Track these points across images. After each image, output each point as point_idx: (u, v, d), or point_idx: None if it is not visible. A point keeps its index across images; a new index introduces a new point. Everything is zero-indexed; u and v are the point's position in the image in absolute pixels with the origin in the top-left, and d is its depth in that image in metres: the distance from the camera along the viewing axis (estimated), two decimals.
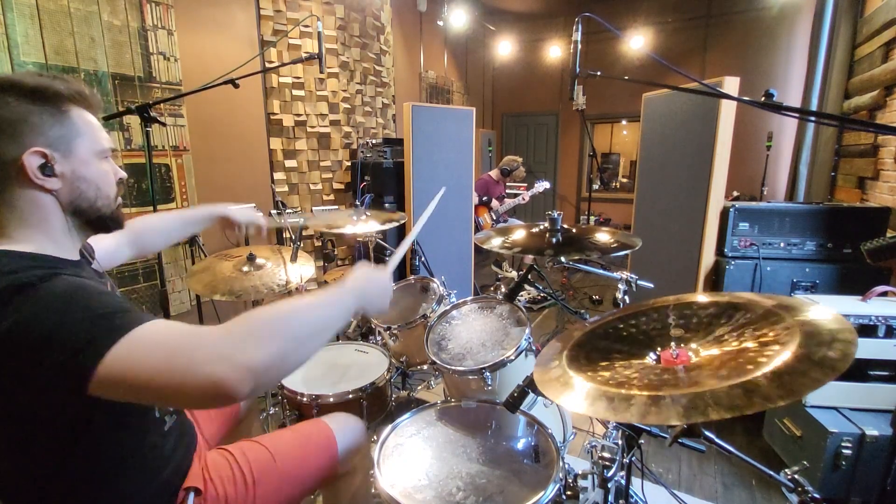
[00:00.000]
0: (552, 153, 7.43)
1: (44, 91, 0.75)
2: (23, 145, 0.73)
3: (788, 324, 0.85)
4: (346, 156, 4.00)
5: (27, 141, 0.73)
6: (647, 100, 3.11)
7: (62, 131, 0.77)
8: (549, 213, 1.61)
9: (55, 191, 0.78)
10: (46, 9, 2.27)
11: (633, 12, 6.05)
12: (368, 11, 4.05)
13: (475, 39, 6.94)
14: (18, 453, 0.75)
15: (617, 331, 1.11)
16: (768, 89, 0.93)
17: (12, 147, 0.72)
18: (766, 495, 1.92)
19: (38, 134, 0.74)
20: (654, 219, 3.05)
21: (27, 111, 0.73)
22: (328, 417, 1.31)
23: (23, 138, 0.73)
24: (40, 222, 0.78)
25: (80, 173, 0.80)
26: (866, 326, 1.84)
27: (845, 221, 2.34)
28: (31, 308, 0.66)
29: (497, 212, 4.57)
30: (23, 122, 0.73)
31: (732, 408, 0.68)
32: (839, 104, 3.48)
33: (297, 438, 1.21)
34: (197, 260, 2.83)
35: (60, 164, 0.77)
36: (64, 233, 0.81)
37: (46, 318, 0.65)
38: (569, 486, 1.07)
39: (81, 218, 0.83)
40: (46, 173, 0.76)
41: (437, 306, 1.86)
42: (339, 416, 1.34)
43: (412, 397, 2.16)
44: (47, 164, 0.75)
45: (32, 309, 0.66)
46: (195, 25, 3.05)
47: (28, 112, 0.73)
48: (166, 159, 2.91)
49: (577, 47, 1.25)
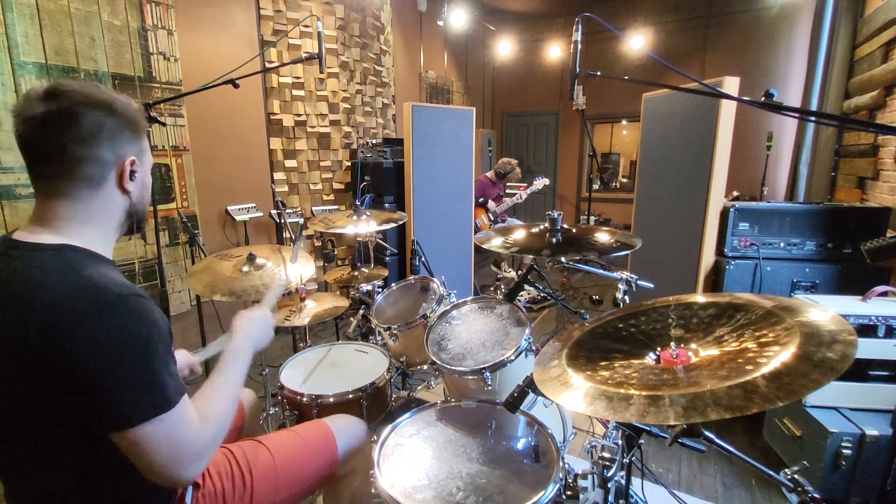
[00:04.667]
0: (552, 153, 7.43)
1: (131, 112, 0.88)
2: (121, 153, 0.86)
3: (788, 325, 0.86)
4: (346, 156, 4.00)
5: (124, 150, 0.87)
6: (646, 100, 3.11)
7: (140, 145, 0.91)
8: (549, 213, 1.60)
9: (131, 192, 0.90)
10: (46, 9, 2.27)
11: (633, 12, 6.05)
12: (368, 11, 4.05)
13: (475, 39, 6.94)
14: (31, 447, 0.79)
15: (617, 331, 1.11)
16: (768, 89, 0.93)
17: (112, 153, 0.85)
18: (766, 495, 1.92)
19: (130, 146, 0.88)
20: (654, 219, 3.05)
21: (123, 125, 0.86)
22: (329, 419, 1.32)
23: (120, 148, 0.86)
24: (104, 220, 0.88)
25: (145, 181, 0.94)
26: (866, 326, 1.84)
27: (845, 221, 2.33)
28: (105, 331, 0.74)
29: (494, 213, 4.57)
30: (120, 134, 0.86)
31: (732, 408, 0.68)
32: (839, 104, 3.48)
33: (297, 439, 1.21)
34: (197, 260, 2.83)
35: (139, 172, 0.91)
36: (113, 232, 0.91)
37: (110, 354, 0.74)
38: (569, 486, 1.07)
39: (131, 219, 0.94)
40: (132, 178, 0.89)
41: (437, 306, 1.85)
42: (340, 418, 1.34)
43: (412, 397, 2.16)
44: (133, 171, 0.89)
45: (104, 334, 0.74)
46: (195, 25, 3.05)
47: (123, 127, 0.86)
48: (166, 159, 2.91)
49: (577, 47, 1.24)
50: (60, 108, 0.79)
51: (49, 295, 0.73)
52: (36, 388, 0.74)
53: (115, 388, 0.74)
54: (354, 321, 2.63)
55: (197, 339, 2.93)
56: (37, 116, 0.78)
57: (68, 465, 0.80)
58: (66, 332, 0.71)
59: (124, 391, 0.74)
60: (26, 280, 0.75)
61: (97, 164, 0.83)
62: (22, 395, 0.76)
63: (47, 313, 0.72)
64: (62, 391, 0.73)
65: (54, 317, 0.72)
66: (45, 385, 0.73)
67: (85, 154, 0.81)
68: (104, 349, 0.73)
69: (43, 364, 0.72)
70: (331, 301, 2.06)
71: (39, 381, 0.73)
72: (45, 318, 0.72)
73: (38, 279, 0.75)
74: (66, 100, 0.80)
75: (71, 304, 0.73)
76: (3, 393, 0.77)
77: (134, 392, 0.75)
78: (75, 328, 0.72)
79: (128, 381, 0.74)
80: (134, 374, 0.75)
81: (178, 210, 2.99)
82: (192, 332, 2.96)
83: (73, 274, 0.76)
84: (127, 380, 0.74)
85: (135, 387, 0.75)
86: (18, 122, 0.80)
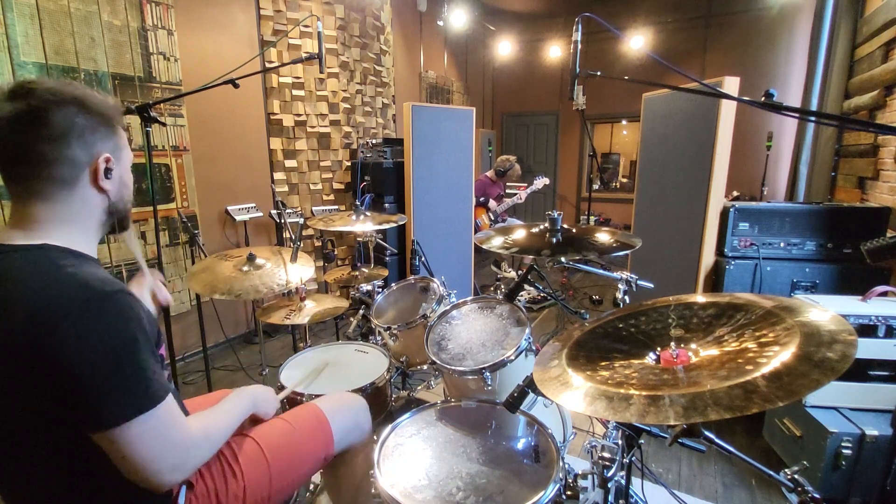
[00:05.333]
0: (552, 153, 7.43)
1: (104, 107, 0.86)
2: (93, 151, 0.84)
3: (788, 325, 0.86)
4: (346, 156, 3.99)
5: (96, 148, 0.85)
6: (646, 100, 3.11)
7: (116, 142, 0.89)
8: (549, 213, 1.60)
9: (108, 191, 0.88)
10: (46, 9, 2.27)
11: (633, 12, 6.05)
12: (368, 11, 4.05)
13: (475, 39, 6.94)
14: (21, 447, 0.78)
15: (617, 330, 1.11)
16: (768, 89, 0.93)
17: (84, 152, 0.83)
18: (766, 495, 1.92)
19: (103, 143, 0.86)
20: (654, 219, 3.05)
21: (95, 122, 0.84)
22: (321, 400, 1.31)
23: (93, 146, 0.84)
24: (83, 220, 0.87)
25: (124, 179, 0.92)
26: (866, 326, 1.84)
27: (845, 221, 2.33)
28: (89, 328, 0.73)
29: (495, 212, 4.57)
30: (92, 132, 0.84)
31: (732, 408, 0.68)
32: (839, 104, 3.48)
33: (285, 425, 1.20)
34: (197, 260, 2.83)
35: (115, 170, 0.89)
36: (95, 231, 0.90)
37: (94, 350, 0.72)
38: (569, 486, 1.07)
39: (112, 217, 0.92)
40: (108, 176, 0.87)
41: (437, 306, 1.85)
42: (332, 397, 1.34)
43: (412, 397, 2.16)
44: (109, 169, 0.87)
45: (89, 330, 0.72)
46: (195, 25, 3.05)
47: (96, 124, 0.84)
48: (166, 159, 2.91)
49: (577, 47, 1.25)
50: (29, 106, 0.77)
51: (33, 292, 0.72)
52: (23, 387, 0.73)
53: (99, 385, 0.72)
54: (354, 321, 2.63)
55: (197, 339, 2.93)
56: (4, 117, 0.76)
57: (61, 465, 0.80)
58: (51, 328, 0.70)
59: (108, 389, 0.73)
60: (6, 280, 0.74)
61: (68, 165, 0.81)
62: (10, 394, 0.75)
63: (32, 310, 0.71)
64: (48, 389, 0.72)
65: (39, 314, 0.71)
66: (33, 384, 0.73)
67: (55, 154, 0.79)
68: (88, 345, 0.72)
69: (29, 362, 0.71)
70: (331, 301, 2.07)
71: (27, 379, 0.73)
72: (30, 315, 0.71)
73: (20, 278, 0.74)
74: (34, 98, 0.77)
75: (56, 300, 0.72)
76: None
77: (117, 390, 0.74)
78: (60, 324, 0.71)
79: (111, 378, 0.73)
80: (118, 371, 0.74)
81: (178, 210, 2.99)
82: (193, 332, 2.96)
83: (57, 270, 0.76)
84: (110, 377, 0.73)
85: (118, 384, 0.74)
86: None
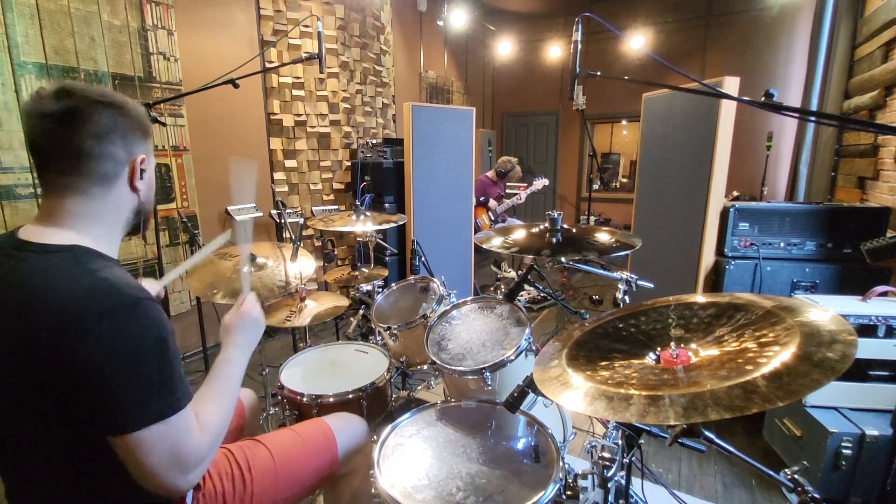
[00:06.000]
0: (552, 153, 7.43)
1: (140, 113, 0.91)
2: (133, 151, 0.88)
3: (788, 325, 0.86)
4: (346, 156, 3.99)
5: (135, 149, 0.89)
6: (646, 100, 3.11)
7: (147, 146, 0.93)
8: (549, 213, 1.60)
9: (140, 191, 0.91)
10: (46, 9, 2.27)
11: (633, 12, 6.04)
12: (368, 11, 4.05)
13: (475, 39, 6.94)
14: (34, 448, 0.79)
15: (617, 330, 1.11)
16: (768, 89, 0.93)
17: (125, 151, 0.87)
18: (766, 495, 1.92)
19: (139, 145, 0.90)
20: (654, 219, 3.05)
21: (134, 125, 0.88)
22: (330, 417, 1.32)
23: (132, 146, 0.88)
24: (113, 218, 0.89)
25: (151, 182, 0.96)
26: (866, 326, 1.84)
27: (845, 221, 2.33)
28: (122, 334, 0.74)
29: (495, 212, 4.57)
30: (132, 133, 0.88)
31: (732, 408, 0.68)
32: (839, 104, 3.48)
33: (297, 438, 1.21)
34: None
35: (147, 171, 0.93)
36: (120, 230, 0.92)
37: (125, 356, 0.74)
38: (569, 486, 1.07)
39: (138, 218, 0.95)
40: (141, 177, 0.91)
41: (437, 306, 1.85)
42: (341, 417, 1.34)
43: (412, 397, 2.16)
44: (143, 170, 0.91)
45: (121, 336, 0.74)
46: (195, 25, 3.05)
47: (134, 127, 0.89)
48: (166, 159, 2.91)
49: (577, 47, 1.25)
50: (76, 105, 0.80)
51: (63, 298, 0.73)
52: (42, 390, 0.74)
53: (125, 389, 0.73)
54: (354, 321, 2.63)
55: (197, 339, 2.93)
56: (53, 113, 0.79)
57: (69, 466, 0.80)
58: (82, 332, 0.71)
59: (133, 393, 0.74)
60: (35, 283, 0.74)
61: (111, 161, 0.85)
62: (25, 396, 0.75)
63: (62, 313, 0.71)
64: (69, 393, 0.73)
65: (70, 317, 0.71)
66: (52, 387, 0.73)
67: (100, 150, 0.83)
68: (119, 350, 0.73)
69: (53, 366, 0.71)
70: (331, 301, 2.06)
71: (47, 382, 0.73)
72: (59, 317, 0.71)
73: (49, 280, 0.74)
74: (80, 99, 0.81)
75: (88, 306, 0.72)
76: (5, 394, 0.76)
77: (143, 394, 0.75)
78: (92, 328, 0.71)
79: (140, 383, 0.74)
80: (146, 376, 0.75)
81: (178, 210, 2.99)
82: (193, 331, 2.96)
83: (89, 276, 0.76)
84: (139, 382, 0.74)
85: (145, 389, 0.75)
86: (32, 120, 0.80)
